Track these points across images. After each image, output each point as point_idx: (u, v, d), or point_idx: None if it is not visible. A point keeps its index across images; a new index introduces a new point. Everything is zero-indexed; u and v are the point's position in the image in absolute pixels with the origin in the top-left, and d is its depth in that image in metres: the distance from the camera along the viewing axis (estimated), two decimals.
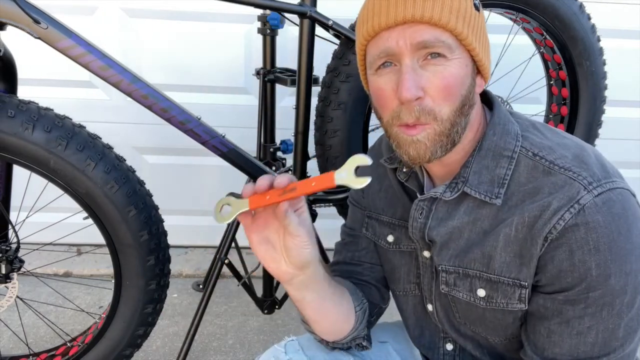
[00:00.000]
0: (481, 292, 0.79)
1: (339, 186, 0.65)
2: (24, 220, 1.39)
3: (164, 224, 1.34)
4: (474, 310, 0.82)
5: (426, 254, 0.87)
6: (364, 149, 1.45)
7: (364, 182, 0.64)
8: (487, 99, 0.85)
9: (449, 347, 0.93)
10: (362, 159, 0.64)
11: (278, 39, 1.63)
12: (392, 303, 1.03)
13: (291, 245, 0.71)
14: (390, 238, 0.94)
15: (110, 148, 1.24)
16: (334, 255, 1.05)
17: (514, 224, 0.74)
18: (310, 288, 0.79)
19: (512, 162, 0.77)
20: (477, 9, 0.75)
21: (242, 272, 1.67)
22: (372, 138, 1.47)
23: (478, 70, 0.78)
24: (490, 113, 0.83)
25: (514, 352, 0.84)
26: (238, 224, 1.60)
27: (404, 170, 0.89)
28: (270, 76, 1.61)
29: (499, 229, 0.76)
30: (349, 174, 0.64)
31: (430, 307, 0.90)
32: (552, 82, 1.69)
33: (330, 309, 0.85)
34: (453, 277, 0.82)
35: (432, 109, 0.72)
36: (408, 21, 0.71)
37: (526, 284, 0.75)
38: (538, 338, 0.75)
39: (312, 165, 1.51)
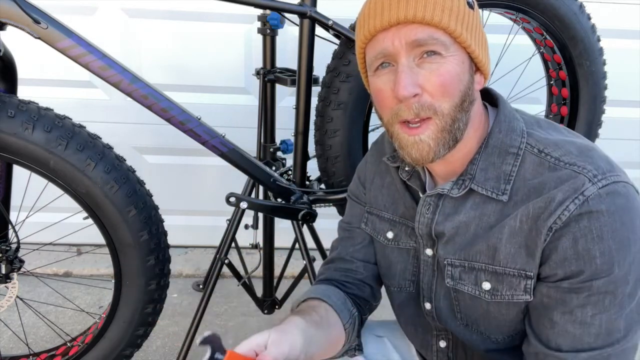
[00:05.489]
0: (486, 285, 0.80)
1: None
2: (24, 220, 1.39)
3: (164, 224, 1.34)
4: (478, 305, 0.82)
5: (428, 252, 0.87)
6: (364, 149, 1.45)
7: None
8: (490, 97, 0.86)
9: (442, 344, 0.93)
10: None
11: (278, 39, 1.63)
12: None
13: None
14: (389, 234, 0.94)
15: (110, 148, 1.24)
16: (330, 252, 1.05)
17: (518, 216, 0.75)
18: None
19: (517, 159, 0.78)
20: (470, 7, 0.76)
21: (242, 272, 1.67)
22: (372, 138, 1.47)
23: (477, 67, 0.79)
24: (495, 110, 0.84)
25: (512, 351, 0.84)
26: (238, 224, 1.60)
27: (407, 169, 0.90)
28: (270, 76, 1.61)
29: (504, 222, 0.77)
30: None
31: (428, 305, 0.90)
32: (552, 82, 1.69)
33: (325, 346, 0.84)
34: (458, 270, 0.82)
35: (431, 103, 0.73)
36: (402, 22, 0.72)
37: (531, 274, 0.76)
38: (542, 329, 0.76)
39: (312, 165, 1.51)
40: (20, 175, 1.28)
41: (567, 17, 1.53)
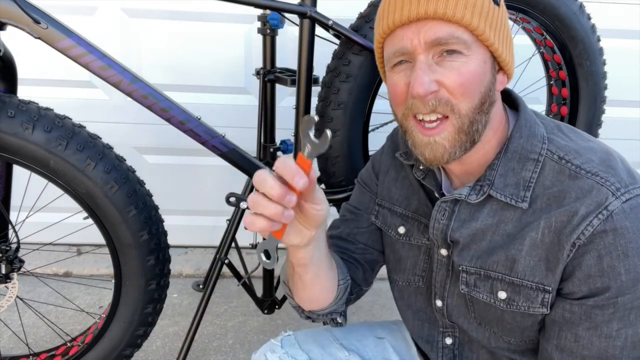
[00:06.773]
0: (502, 295, 0.78)
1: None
2: (24, 220, 1.39)
3: (164, 224, 1.34)
4: (493, 311, 0.81)
5: (443, 252, 0.86)
6: (364, 149, 1.45)
7: (326, 139, 0.59)
8: (511, 99, 0.84)
9: (448, 341, 0.92)
10: (306, 123, 0.60)
11: (278, 39, 1.63)
12: (392, 302, 1.03)
13: (312, 212, 0.68)
14: (401, 230, 0.93)
15: (110, 148, 1.24)
16: (328, 229, 1.03)
17: (540, 228, 0.74)
18: (319, 245, 0.77)
19: (538, 165, 0.76)
20: (496, 3, 0.73)
21: (242, 272, 1.67)
22: (372, 138, 1.47)
23: (500, 66, 0.77)
24: (514, 114, 0.82)
25: (522, 353, 0.83)
26: (238, 224, 1.60)
27: (421, 168, 0.88)
28: (270, 76, 1.61)
29: (525, 233, 0.75)
30: (312, 146, 0.61)
31: (439, 302, 0.89)
32: (552, 82, 1.69)
33: (323, 275, 0.84)
34: (474, 278, 0.81)
35: (448, 99, 0.72)
36: (422, 18, 0.70)
37: (550, 288, 0.74)
38: (565, 343, 0.74)
39: (312, 165, 1.51)
40: (20, 175, 1.28)
41: (567, 17, 1.53)
